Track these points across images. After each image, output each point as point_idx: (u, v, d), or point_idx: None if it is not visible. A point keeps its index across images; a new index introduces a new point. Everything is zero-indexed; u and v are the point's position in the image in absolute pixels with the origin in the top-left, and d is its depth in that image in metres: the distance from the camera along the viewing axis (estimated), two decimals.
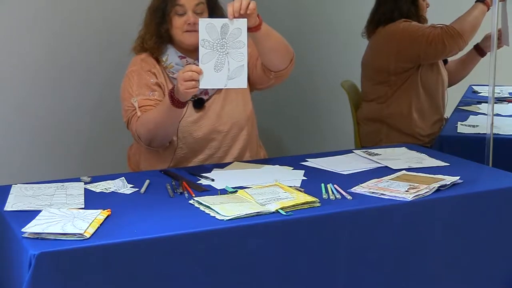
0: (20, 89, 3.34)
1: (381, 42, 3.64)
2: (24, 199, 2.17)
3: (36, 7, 3.32)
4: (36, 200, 2.16)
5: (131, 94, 2.62)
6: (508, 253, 2.35)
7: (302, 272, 2.06)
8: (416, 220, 2.20)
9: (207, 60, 2.37)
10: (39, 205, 2.10)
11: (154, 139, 2.59)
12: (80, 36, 3.43)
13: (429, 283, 2.26)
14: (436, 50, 3.49)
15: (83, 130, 3.51)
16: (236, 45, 2.38)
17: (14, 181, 2.38)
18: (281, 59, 2.61)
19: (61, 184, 2.33)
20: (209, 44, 2.37)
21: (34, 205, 2.11)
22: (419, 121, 3.60)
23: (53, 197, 2.18)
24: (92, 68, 3.48)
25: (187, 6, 2.61)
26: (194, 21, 2.57)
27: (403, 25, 3.57)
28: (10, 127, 3.34)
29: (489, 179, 2.47)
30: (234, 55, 2.38)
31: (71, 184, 2.33)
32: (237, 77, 2.39)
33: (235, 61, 2.38)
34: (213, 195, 2.20)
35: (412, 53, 3.52)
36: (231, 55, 2.38)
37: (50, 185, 2.32)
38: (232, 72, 2.38)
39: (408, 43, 3.51)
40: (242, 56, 2.39)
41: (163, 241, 1.89)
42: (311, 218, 2.06)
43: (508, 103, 3.95)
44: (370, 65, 3.72)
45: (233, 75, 2.39)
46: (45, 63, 3.38)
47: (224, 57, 2.38)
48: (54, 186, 2.30)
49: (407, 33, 3.53)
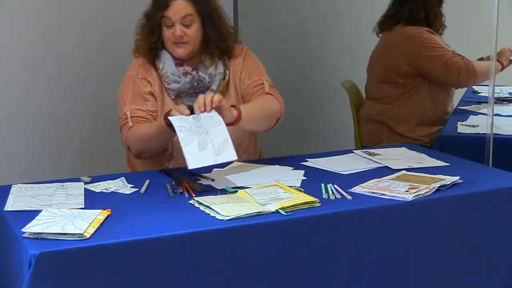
0: (20, 89, 3.34)
1: (398, 41, 3.57)
2: (24, 199, 2.17)
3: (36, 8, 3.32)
4: (36, 200, 2.16)
5: (125, 102, 2.62)
6: (508, 253, 2.35)
7: (302, 272, 2.06)
8: (416, 220, 2.20)
9: (189, 142, 2.29)
10: (39, 205, 2.10)
11: (143, 153, 2.61)
12: (80, 36, 3.42)
13: (429, 283, 2.25)
14: (449, 76, 3.49)
15: (83, 130, 3.51)
16: (213, 124, 2.34)
17: (14, 181, 2.38)
18: (266, 127, 2.69)
19: (61, 184, 2.32)
20: (186, 128, 2.31)
21: (34, 205, 2.11)
22: (424, 125, 3.59)
23: (53, 197, 2.18)
24: (92, 68, 3.48)
25: (174, 18, 2.58)
26: (180, 34, 2.57)
27: (427, 35, 3.52)
28: (10, 127, 3.34)
29: (489, 179, 2.47)
30: (215, 133, 2.33)
31: (71, 184, 2.33)
32: (224, 151, 2.32)
33: (217, 137, 2.33)
34: (213, 195, 2.20)
35: (425, 67, 3.49)
36: (211, 134, 2.32)
37: (50, 185, 2.32)
38: (218, 148, 2.32)
39: (425, 55, 3.48)
40: (222, 132, 2.34)
41: (163, 241, 1.89)
42: (311, 218, 2.05)
43: (508, 103, 3.95)
44: (380, 61, 3.66)
45: (220, 150, 2.32)
46: (45, 63, 3.38)
47: (205, 136, 2.32)
48: (54, 186, 2.30)
49: (428, 45, 3.49)
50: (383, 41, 3.68)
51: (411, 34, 3.54)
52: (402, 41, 3.55)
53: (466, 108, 3.83)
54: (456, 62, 3.46)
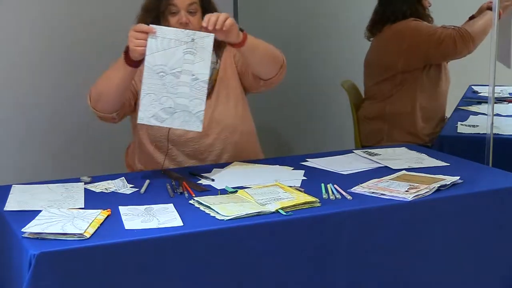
0: (20, 89, 3.34)
1: (389, 39, 3.61)
2: (24, 199, 2.17)
3: (36, 8, 3.32)
4: (36, 200, 2.16)
5: None
6: (508, 253, 2.35)
7: (302, 272, 2.06)
8: (416, 220, 2.20)
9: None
10: (39, 205, 2.10)
11: (100, 97, 2.58)
12: (80, 36, 3.42)
13: (429, 283, 2.26)
14: (446, 50, 3.49)
15: (83, 130, 3.50)
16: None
17: (14, 181, 2.38)
18: (269, 69, 2.63)
19: (61, 184, 2.33)
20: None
21: (34, 205, 2.11)
22: (423, 120, 3.60)
23: (53, 197, 2.18)
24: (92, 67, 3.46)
25: (180, 5, 2.60)
26: (186, 21, 2.58)
27: (414, 23, 3.57)
28: (10, 127, 3.33)
29: (489, 179, 2.47)
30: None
31: (71, 184, 2.33)
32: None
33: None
34: (213, 195, 2.20)
35: (422, 51, 3.51)
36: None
37: (50, 185, 2.32)
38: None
39: (418, 41, 3.51)
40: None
41: (163, 241, 1.89)
42: (311, 218, 2.06)
43: (508, 103, 3.95)
44: (375, 63, 3.70)
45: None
46: (45, 63, 3.37)
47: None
48: (54, 186, 2.30)
49: (417, 31, 3.53)
50: (375, 44, 3.73)
51: (399, 29, 3.59)
52: (392, 39, 3.61)
53: (466, 108, 3.83)
54: (448, 34, 3.47)
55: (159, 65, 2.35)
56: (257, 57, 2.58)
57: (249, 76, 2.69)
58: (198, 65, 2.36)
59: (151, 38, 2.34)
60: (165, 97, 2.35)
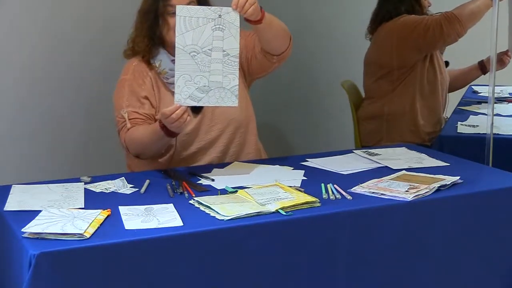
0: (20, 89, 3.34)
1: (383, 37, 3.64)
2: (24, 199, 2.17)
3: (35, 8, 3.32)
4: (36, 200, 2.16)
5: (122, 106, 2.62)
6: (508, 253, 2.35)
7: (302, 272, 2.06)
8: (416, 220, 2.20)
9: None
10: (39, 205, 2.10)
11: (141, 155, 2.61)
12: (80, 36, 3.42)
13: (429, 283, 2.26)
14: (434, 35, 3.48)
15: (83, 130, 3.51)
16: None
17: (14, 181, 2.38)
18: (282, 42, 2.65)
19: (61, 184, 2.33)
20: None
21: (34, 205, 2.11)
22: (422, 117, 3.60)
23: (53, 197, 2.18)
24: (92, 68, 3.48)
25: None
26: None
27: (403, 18, 3.60)
28: (10, 127, 3.34)
29: (489, 179, 2.47)
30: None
31: (71, 184, 2.33)
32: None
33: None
34: (213, 195, 2.20)
35: (412, 41, 3.52)
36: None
37: (50, 185, 2.32)
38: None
39: (407, 32, 3.53)
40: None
41: (163, 241, 1.89)
42: (311, 218, 2.06)
43: (508, 103, 3.95)
44: (373, 61, 3.71)
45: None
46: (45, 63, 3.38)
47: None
48: (54, 186, 2.30)
49: (406, 24, 3.56)
50: (372, 42, 3.77)
51: (390, 26, 3.61)
52: (385, 36, 3.63)
53: (466, 108, 3.83)
54: (434, 20, 3.48)
55: (189, 45, 2.35)
56: (273, 32, 2.59)
57: (257, 58, 2.69)
58: (227, 40, 2.37)
59: (179, 19, 2.34)
60: (199, 76, 2.36)
